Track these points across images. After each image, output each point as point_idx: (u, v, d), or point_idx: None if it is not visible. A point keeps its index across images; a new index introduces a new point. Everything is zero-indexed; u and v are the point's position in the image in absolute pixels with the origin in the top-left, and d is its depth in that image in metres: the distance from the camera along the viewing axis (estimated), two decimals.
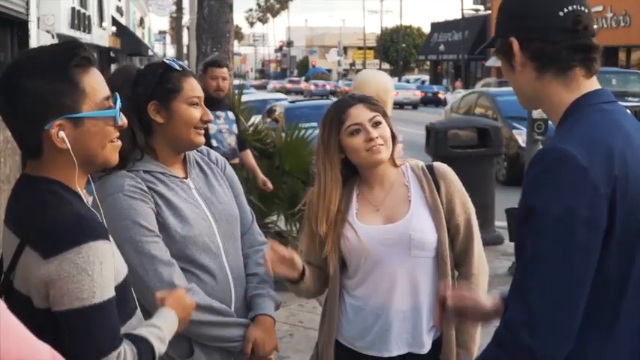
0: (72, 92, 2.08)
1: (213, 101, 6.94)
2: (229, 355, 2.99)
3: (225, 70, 7.21)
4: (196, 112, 2.89)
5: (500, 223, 9.73)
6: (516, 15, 2.12)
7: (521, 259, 1.98)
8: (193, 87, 2.90)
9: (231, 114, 7.39)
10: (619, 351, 1.99)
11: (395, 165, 3.20)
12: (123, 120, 2.19)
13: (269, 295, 3.08)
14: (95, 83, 2.13)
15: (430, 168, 3.22)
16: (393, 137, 3.16)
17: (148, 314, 2.47)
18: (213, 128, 7.08)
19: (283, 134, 8.89)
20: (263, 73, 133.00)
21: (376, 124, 3.10)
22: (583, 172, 1.90)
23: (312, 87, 70.93)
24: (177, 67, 2.90)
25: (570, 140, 1.97)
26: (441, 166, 3.23)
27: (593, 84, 2.09)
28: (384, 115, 3.17)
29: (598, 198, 1.89)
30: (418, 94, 53.77)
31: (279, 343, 3.11)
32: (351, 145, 3.09)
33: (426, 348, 3.12)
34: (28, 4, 13.01)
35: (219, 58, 7.50)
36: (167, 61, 2.94)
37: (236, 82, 9.96)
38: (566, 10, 2.05)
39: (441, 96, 54.44)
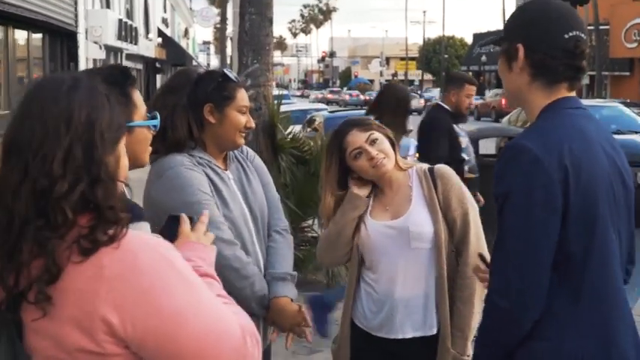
0: (127, 105, 2.46)
1: (463, 117, 7.30)
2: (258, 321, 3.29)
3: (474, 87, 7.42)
4: (243, 119, 3.31)
5: None
6: (527, 26, 2.50)
7: (497, 239, 2.38)
8: (244, 97, 3.33)
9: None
10: (584, 314, 2.37)
11: (401, 168, 3.65)
12: (156, 130, 2.61)
13: (282, 276, 3.35)
14: (140, 99, 2.58)
15: (431, 170, 3.65)
16: (392, 144, 3.61)
17: None
18: (463, 142, 7.27)
19: (319, 142, 9.24)
20: (306, 84, 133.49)
21: (373, 142, 3.55)
22: (537, 161, 2.29)
23: (347, 97, 72.05)
24: (234, 78, 3.33)
25: (530, 137, 2.38)
26: (440, 167, 3.67)
27: (567, 93, 2.49)
28: (378, 128, 3.62)
29: (551, 183, 2.28)
30: (422, 102, 53.81)
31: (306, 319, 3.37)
32: (358, 167, 3.56)
33: (431, 332, 3.54)
34: (77, 16, 13.50)
35: (468, 77, 7.78)
36: (226, 71, 3.36)
37: (277, 92, 10.28)
38: (571, 34, 2.44)
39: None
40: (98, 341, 1.76)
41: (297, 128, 15.51)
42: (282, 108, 11.14)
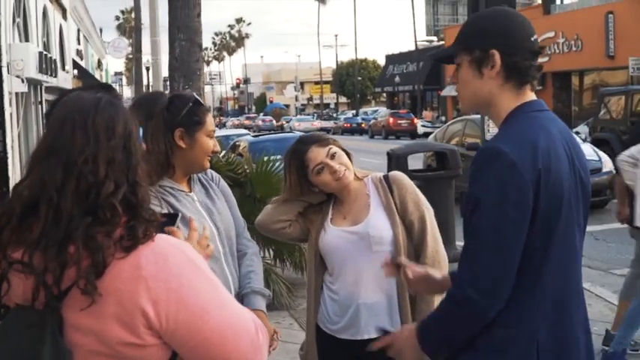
0: None
1: None
2: None
3: None
4: (211, 143, 3.38)
5: (461, 242, 10.20)
6: (496, 33, 2.64)
7: (467, 235, 2.55)
8: (211, 122, 3.40)
9: None
10: (541, 302, 2.56)
11: (358, 178, 3.82)
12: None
13: (259, 291, 3.46)
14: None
15: (386, 177, 3.83)
16: (349, 156, 3.78)
17: None
18: None
19: (254, 165, 9.40)
20: (221, 111, 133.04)
21: (333, 156, 3.71)
22: (513, 165, 2.45)
23: (260, 122, 73.03)
24: (202, 103, 3.40)
25: (504, 140, 2.54)
26: (395, 174, 3.85)
27: (531, 95, 2.68)
28: (334, 142, 3.78)
29: (525, 184, 2.45)
30: (316, 124, 60.64)
31: (277, 328, 3.58)
32: (321, 182, 3.73)
33: (394, 329, 3.65)
34: (0, 50, 13.33)
35: None
36: (196, 96, 3.42)
37: None
38: (533, 37, 2.65)
39: (364, 126, 59.14)
40: (139, 334, 1.93)
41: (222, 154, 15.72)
42: None
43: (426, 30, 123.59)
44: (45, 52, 17.99)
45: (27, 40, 18.36)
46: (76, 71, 31.03)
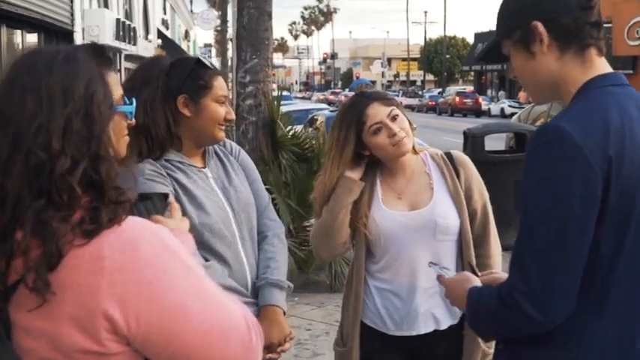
0: None
1: None
2: None
3: None
4: (222, 110, 3.00)
5: None
6: (528, 4, 2.23)
7: (522, 233, 2.10)
8: (222, 86, 3.01)
9: None
10: (608, 324, 2.09)
11: (415, 152, 3.37)
12: (132, 119, 2.34)
13: (276, 283, 3.07)
14: (116, 82, 2.31)
15: (449, 156, 3.38)
16: (410, 125, 3.32)
17: None
18: None
19: (321, 139, 9.03)
20: (307, 85, 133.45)
21: (394, 118, 3.25)
22: (578, 150, 2.00)
23: (343, 97, 72.58)
24: (210, 65, 3.01)
25: (570, 119, 2.08)
26: (460, 154, 3.41)
27: (605, 67, 2.20)
28: (398, 105, 3.33)
29: (592, 174, 2.00)
30: (401, 101, 59.78)
31: (293, 331, 3.15)
32: (376, 143, 3.24)
33: (452, 321, 3.30)
34: (73, 15, 13.31)
35: None
36: (200, 57, 3.05)
37: (284, 93, 10.06)
38: None
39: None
40: (100, 340, 1.63)
41: (299, 128, 15.46)
42: (284, 109, 10.91)
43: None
44: (123, 20, 17.96)
45: (106, 6, 18.40)
46: (160, 41, 31.17)
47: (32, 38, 13.08)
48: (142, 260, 1.63)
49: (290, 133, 8.93)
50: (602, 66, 2.20)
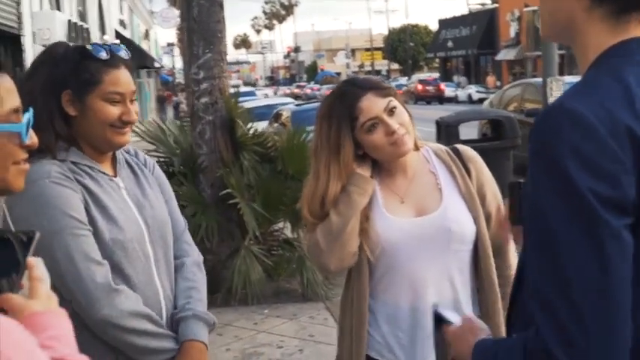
0: None
1: None
2: None
3: None
4: (114, 110, 2.49)
5: None
6: None
7: (535, 262, 1.49)
8: (117, 81, 2.49)
9: None
10: None
11: (416, 148, 2.83)
12: (32, 139, 1.76)
13: (202, 317, 2.67)
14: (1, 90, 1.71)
15: (456, 151, 2.86)
16: (410, 116, 2.78)
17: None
18: None
19: (285, 136, 8.43)
20: (273, 80, 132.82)
21: (392, 111, 2.71)
22: (599, 138, 1.41)
23: (308, 91, 72.66)
24: (101, 56, 2.47)
25: (585, 96, 1.48)
26: (468, 149, 2.90)
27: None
28: (395, 94, 2.77)
29: (622, 171, 1.42)
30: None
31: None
32: (372, 142, 2.71)
33: None
34: (20, 18, 12.64)
35: None
36: (89, 47, 2.52)
37: (247, 89, 9.49)
38: None
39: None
40: None
41: (264, 125, 14.89)
42: (250, 104, 10.42)
43: None
44: (75, 21, 17.27)
45: (58, 8, 17.73)
46: (117, 41, 30.43)
47: None
48: None
49: (251, 132, 8.30)
50: (638, 31, 1.57)
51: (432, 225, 2.72)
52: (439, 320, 1.99)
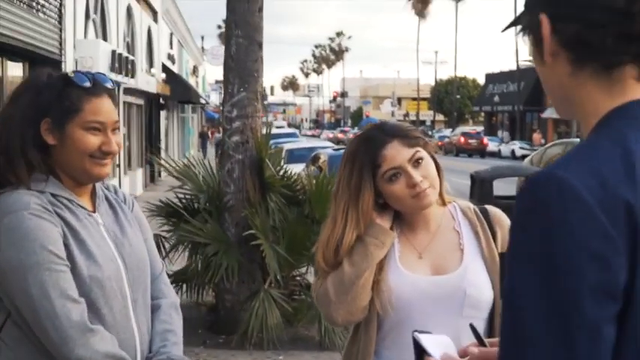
0: None
1: None
2: None
3: None
4: (94, 140, 2.41)
5: None
6: None
7: (502, 340, 1.33)
8: (98, 109, 2.42)
9: None
10: None
11: (443, 203, 2.71)
12: None
13: (174, 359, 2.56)
14: None
15: (484, 212, 2.73)
16: (438, 169, 2.65)
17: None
18: None
19: (314, 180, 8.30)
20: (317, 123, 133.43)
21: (418, 162, 2.58)
22: (588, 212, 1.25)
23: (352, 136, 72.42)
24: (83, 83, 2.41)
25: (576, 165, 1.32)
26: (497, 212, 2.76)
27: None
28: (425, 145, 2.64)
29: (612, 251, 1.25)
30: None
31: None
32: (392, 192, 2.59)
33: None
34: (61, 44, 12.73)
35: None
36: (72, 74, 2.45)
37: (290, 130, 9.38)
38: None
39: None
40: None
41: (302, 167, 14.81)
42: (290, 146, 10.27)
43: (529, 49, 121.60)
44: (121, 52, 17.37)
45: (104, 39, 17.88)
46: (164, 75, 30.64)
47: (16, 68, 12.48)
48: None
49: (280, 173, 8.20)
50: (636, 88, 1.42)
51: (448, 285, 2.58)
52: (419, 348, 1.84)
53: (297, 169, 9.90)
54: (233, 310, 7.87)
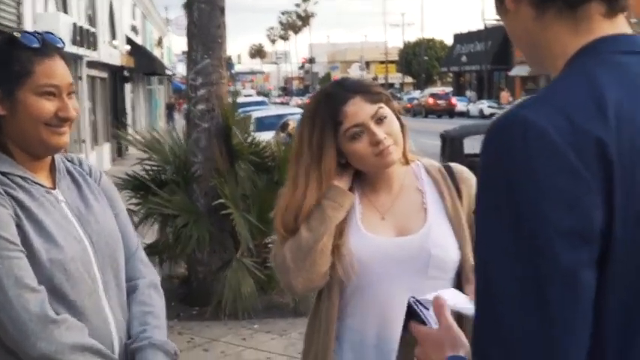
0: None
1: None
2: None
3: None
4: (49, 106, 2.17)
5: None
6: None
7: (476, 296, 1.26)
8: (51, 72, 2.18)
9: None
10: None
11: (406, 162, 2.59)
12: None
13: (162, 346, 2.34)
14: None
15: (449, 170, 2.61)
16: (402, 126, 2.52)
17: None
18: None
19: (283, 146, 8.17)
20: (286, 90, 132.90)
21: (381, 120, 2.45)
22: (555, 153, 1.17)
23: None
24: (32, 44, 2.17)
25: (542, 104, 1.24)
26: (462, 169, 2.64)
27: (614, 26, 1.35)
28: (388, 101, 2.51)
29: (584, 193, 1.17)
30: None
31: None
32: (353, 151, 2.46)
33: None
34: (20, 18, 12.44)
35: None
36: (19, 35, 2.21)
37: (258, 99, 9.25)
38: None
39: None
40: None
41: (271, 134, 14.69)
42: (259, 114, 10.11)
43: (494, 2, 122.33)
44: (81, 25, 17.07)
45: (65, 11, 17.57)
46: (128, 47, 30.25)
47: None
48: None
49: (248, 141, 8.06)
50: (608, 27, 1.34)
51: (412, 246, 2.47)
52: (411, 316, 1.71)
53: (266, 137, 9.77)
54: (206, 281, 7.77)
